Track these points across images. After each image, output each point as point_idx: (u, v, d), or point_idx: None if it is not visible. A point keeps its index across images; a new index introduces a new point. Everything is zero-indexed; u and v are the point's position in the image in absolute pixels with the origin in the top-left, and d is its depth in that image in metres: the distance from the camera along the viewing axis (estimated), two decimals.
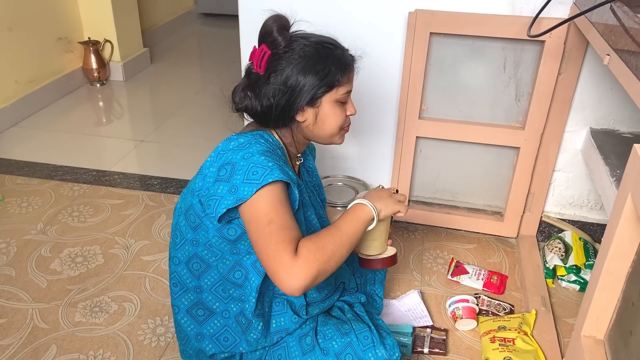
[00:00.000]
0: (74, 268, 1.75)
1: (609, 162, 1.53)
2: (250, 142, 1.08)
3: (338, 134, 1.17)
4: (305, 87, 1.08)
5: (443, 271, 1.80)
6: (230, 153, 1.07)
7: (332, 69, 1.09)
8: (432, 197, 2.00)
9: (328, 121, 1.13)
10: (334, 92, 1.11)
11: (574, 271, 1.72)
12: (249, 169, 1.02)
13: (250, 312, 1.16)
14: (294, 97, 1.09)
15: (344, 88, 1.12)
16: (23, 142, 2.53)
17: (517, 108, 1.76)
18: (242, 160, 1.04)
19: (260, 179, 1.00)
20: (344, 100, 1.14)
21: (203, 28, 4.49)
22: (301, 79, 1.08)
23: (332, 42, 1.13)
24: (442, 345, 1.50)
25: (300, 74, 1.08)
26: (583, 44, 1.59)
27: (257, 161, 1.03)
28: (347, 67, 1.12)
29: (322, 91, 1.10)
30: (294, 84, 1.08)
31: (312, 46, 1.09)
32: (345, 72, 1.11)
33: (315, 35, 1.13)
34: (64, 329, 1.52)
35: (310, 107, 1.11)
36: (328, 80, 1.09)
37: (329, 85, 1.10)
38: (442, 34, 1.68)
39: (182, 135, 2.67)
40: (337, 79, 1.10)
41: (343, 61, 1.11)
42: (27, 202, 2.08)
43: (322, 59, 1.09)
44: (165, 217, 2.01)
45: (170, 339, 1.50)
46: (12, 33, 2.60)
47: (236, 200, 1.01)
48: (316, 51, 1.09)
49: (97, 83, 3.17)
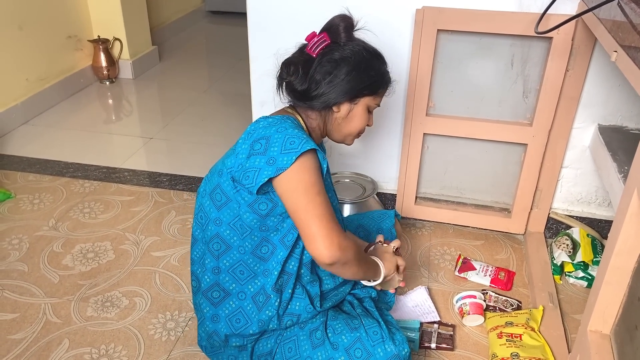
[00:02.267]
0: (85, 263, 1.77)
1: (617, 159, 1.53)
2: (280, 121, 1.14)
3: (354, 136, 1.27)
4: (354, 83, 1.17)
5: (450, 267, 1.81)
6: (262, 130, 1.12)
7: (378, 78, 1.22)
8: (439, 194, 2.00)
9: (355, 121, 1.22)
10: (371, 98, 1.22)
11: (582, 267, 1.73)
12: (286, 140, 1.08)
13: (270, 286, 1.19)
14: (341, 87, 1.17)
15: (379, 99, 1.25)
16: (34, 140, 2.57)
17: (525, 105, 1.76)
18: (276, 133, 1.10)
19: (299, 147, 1.06)
20: (372, 109, 1.25)
21: (211, 26, 4.51)
22: (353, 75, 1.17)
23: (382, 57, 1.25)
24: (450, 341, 1.51)
25: (354, 70, 1.17)
26: (591, 40, 1.59)
27: (292, 133, 1.09)
28: (388, 82, 1.26)
29: (365, 92, 1.20)
30: (344, 76, 1.16)
31: (369, 52, 1.20)
32: (386, 86, 1.25)
33: (372, 46, 1.23)
34: (76, 323, 1.55)
35: (349, 102, 1.20)
36: (374, 85, 1.21)
37: (372, 90, 1.21)
38: (450, 30, 1.68)
39: (190, 132, 2.69)
40: (380, 88, 1.23)
41: (387, 76, 1.25)
42: (38, 199, 2.10)
43: (375, 67, 1.21)
44: (174, 214, 2.03)
45: (181, 334, 1.52)
46: (23, 32, 2.63)
47: (276, 170, 1.05)
48: (372, 58, 1.20)
49: (106, 81, 3.20)
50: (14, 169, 2.31)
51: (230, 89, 3.20)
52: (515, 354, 1.41)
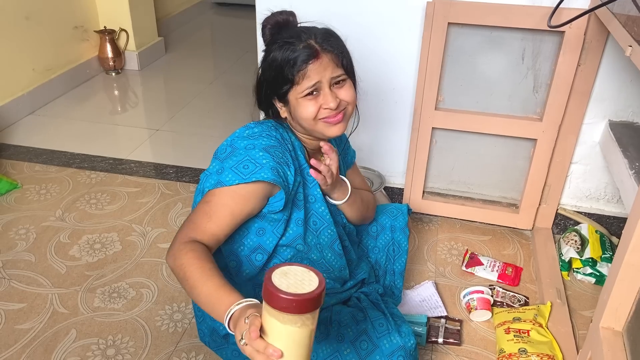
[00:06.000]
0: (92, 254, 1.77)
1: (628, 155, 1.52)
2: (260, 134, 1.12)
3: (319, 125, 1.13)
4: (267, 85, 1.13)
5: (457, 262, 1.80)
6: (240, 139, 1.12)
7: (285, 68, 1.09)
8: (447, 189, 1.99)
9: (299, 114, 1.12)
10: (294, 90, 1.10)
11: (590, 264, 1.72)
12: (243, 160, 1.08)
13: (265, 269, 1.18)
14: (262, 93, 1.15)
15: (304, 84, 1.09)
16: (40, 130, 2.56)
17: (535, 99, 1.74)
18: (243, 149, 1.09)
19: (247, 176, 1.05)
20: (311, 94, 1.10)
21: (217, 17, 4.49)
22: (265, 76, 1.13)
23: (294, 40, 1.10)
24: (457, 336, 1.50)
25: (265, 71, 1.13)
26: (603, 35, 1.57)
27: (254, 156, 1.07)
28: (302, 63, 1.08)
29: (285, 89, 1.11)
30: (261, 80, 1.14)
31: (277, 46, 1.10)
32: (299, 69, 1.08)
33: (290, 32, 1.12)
34: (83, 313, 1.55)
35: (283, 104, 1.14)
36: (283, 79, 1.10)
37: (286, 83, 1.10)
38: (460, 24, 1.67)
39: (196, 124, 2.69)
40: (291, 78, 1.09)
41: (298, 58, 1.08)
42: (45, 189, 2.10)
43: (279, 58, 1.09)
44: (181, 206, 2.03)
45: (187, 325, 1.52)
46: (29, 22, 2.62)
47: (217, 182, 1.07)
48: (277, 51, 1.10)
49: (112, 72, 3.19)
50: (20, 159, 2.31)
51: (236, 81, 3.19)
52: (523, 350, 1.41)
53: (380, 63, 1.81)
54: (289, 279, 0.77)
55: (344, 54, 1.13)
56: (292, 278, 0.78)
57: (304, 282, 0.78)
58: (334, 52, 1.10)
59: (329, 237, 1.22)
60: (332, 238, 1.23)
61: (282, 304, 0.74)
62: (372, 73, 1.82)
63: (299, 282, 0.77)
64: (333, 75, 1.10)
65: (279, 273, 0.78)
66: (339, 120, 1.13)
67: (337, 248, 1.25)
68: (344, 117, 1.14)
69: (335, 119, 1.13)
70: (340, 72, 1.11)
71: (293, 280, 0.77)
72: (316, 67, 1.08)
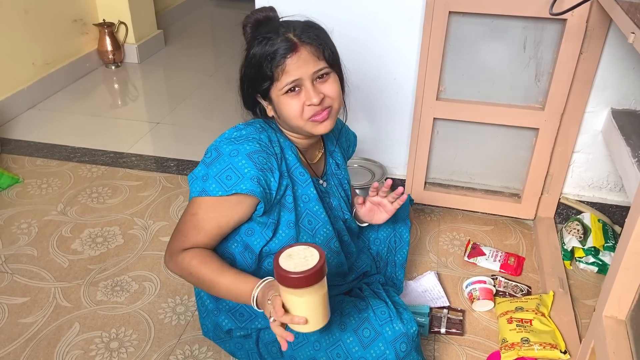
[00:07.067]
0: (94, 248, 1.78)
1: (631, 143, 1.51)
2: (246, 138, 1.10)
3: (305, 125, 1.10)
4: (249, 83, 1.12)
5: (459, 253, 1.80)
6: (226, 142, 1.11)
7: (263, 64, 1.06)
8: (448, 179, 1.99)
9: (284, 113, 1.10)
10: (275, 86, 1.07)
11: (592, 253, 1.72)
12: (226, 169, 1.07)
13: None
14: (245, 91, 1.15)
15: (283, 80, 1.06)
16: (41, 124, 2.56)
17: (537, 88, 1.73)
18: (227, 156, 1.08)
19: (229, 188, 1.06)
20: (291, 90, 1.07)
21: (216, 9, 4.46)
22: (246, 74, 1.12)
23: (271, 34, 1.07)
24: (459, 326, 1.50)
25: (245, 69, 1.12)
26: (606, 22, 1.56)
27: (237, 165, 1.07)
28: (280, 58, 1.05)
29: (265, 86, 1.09)
30: (243, 79, 1.14)
31: (256, 42, 1.08)
32: (277, 65, 1.05)
33: (269, 27, 1.09)
34: (86, 307, 1.55)
35: (267, 102, 1.13)
36: (262, 75, 1.07)
37: (266, 80, 1.07)
38: (461, 13, 1.65)
39: (197, 117, 2.68)
40: (270, 74, 1.06)
41: (275, 53, 1.05)
42: (46, 184, 2.10)
43: (257, 56, 1.07)
44: (182, 199, 2.03)
45: (190, 318, 1.52)
46: (29, 15, 2.61)
47: (202, 190, 1.08)
48: (256, 48, 1.08)
49: (112, 65, 3.18)
50: (21, 153, 2.31)
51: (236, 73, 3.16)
52: (526, 339, 1.41)
53: (381, 53, 1.80)
54: (294, 259, 0.91)
55: (325, 45, 1.08)
56: (296, 258, 0.91)
57: (307, 258, 0.91)
58: (314, 44, 1.06)
59: (325, 235, 1.22)
60: (328, 236, 1.22)
61: (294, 283, 0.89)
62: (373, 63, 1.81)
63: (302, 260, 0.91)
64: (315, 70, 1.06)
65: (284, 257, 0.91)
66: (324, 117, 1.09)
67: (334, 246, 1.25)
68: (329, 113, 1.10)
69: (320, 116, 1.09)
70: (322, 64, 1.07)
71: (298, 260, 0.91)
72: (295, 62, 1.05)
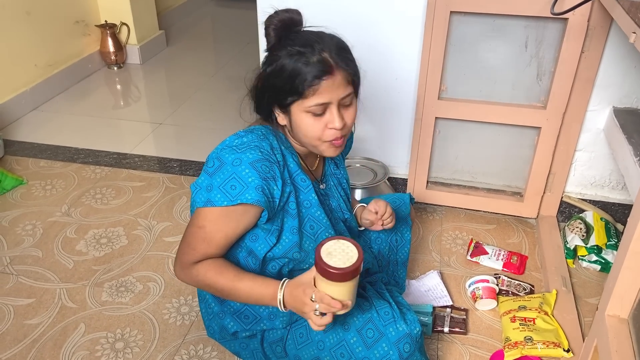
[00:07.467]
0: (98, 249, 1.78)
1: (633, 141, 1.52)
2: (248, 146, 1.09)
3: (320, 145, 1.11)
4: (271, 92, 1.09)
5: (462, 252, 1.80)
6: (228, 150, 1.09)
7: (295, 79, 1.04)
8: (451, 178, 1.99)
9: (301, 130, 1.09)
10: (299, 103, 1.06)
11: (595, 251, 1.72)
12: (230, 179, 1.06)
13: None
14: (265, 98, 1.11)
15: (312, 100, 1.05)
16: (44, 126, 2.57)
17: (539, 87, 1.74)
18: (230, 165, 1.07)
19: (234, 197, 1.05)
20: (317, 111, 1.06)
21: (218, 9, 4.47)
22: (270, 83, 1.08)
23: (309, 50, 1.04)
24: (462, 325, 1.51)
25: (270, 78, 1.07)
26: (607, 21, 1.56)
27: (241, 174, 1.06)
28: (314, 78, 1.03)
29: (289, 100, 1.06)
30: (265, 86, 1.09)
31: (286, 53, 1.05)
32: (311, 84, 1.03)
33: (304, 39, 1.06)
34: (91, 308, 1.56)
35: (282, 112, 1.10)
36: (291, 90, 1.05)
37: (293, 95, 1.05)
38: (463, 12, 1.66)
39: (199, 117, 2.69)
40: (300, 91, 1.04)
41: (311, 72, 1.03)
42: (50, 185, 2.11)
43: (290, 69, 1.04)
44: (185, 199, 2.04)
45: (195, 318, 1.53)
46: (31, 17, 2.62)
47: (207, 201, 1.07)
48: (289, 59, 1.04)
49: (114, 66, 3.19)
50: (25, 155, 2.32)
51: (238, 73, 3.18)
52: (529, 338, 1.41)
53: (382, 53, 1.80)
54: (336, 255, 0.98)
55: (355, 72, 1.09)
56: (337, 254, 0.98)
57: (346, 252, 0.99)
58: (347, 70, 1.07)
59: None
60: None
61: (340, 278, 0.97)
62: (374, 63, 1.81)
63: (343, 254, 0.98)
64: (343, 95, 1.07)
65: (325, 255, 0.98)
66: (340, 143, 1.11)
67: None
68: (344, 140, 1.13)
69: (339, 142, 1.11)
70: (350, 90, 1.08)
71: (340, 256, 0.97)
72: (329, 85, 1.04)
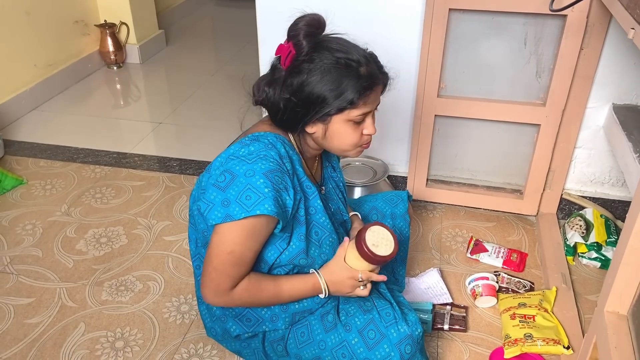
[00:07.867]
0: (98, 248, 1.79)
1: (632, 138, 1.52)
2: (257, 155, 1.05)
3: (352, 151, 1.14)
4: (316, 103, 1.05)
5: (462, 249, 1.80)
6: (237, 162, 1.06)
7: (347, 90, 1.03)
8: (450, 176, 1.99)
9: (338, 139, 1.10)
10: (346, 113, 1.06)
11: (595, 248, 1.72)
12: (245, 190, 1.02)
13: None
14: (304, 108, 1.06)
15: (359, 110, 1.06)
16: (44, 125, 2.57)
17: (538, 84, 1.73)
18: (243, 176, 1.03)
19: (251, 208, 1.01)
20: (360, 120, 1.08)
21: (217, 9, 4.47)
22: (314, 93, 1.04)
23: (356, 59, 1.04)
24: (462, 322, 1.51)
25: (315, 87, 1.03)
26: (606, 17, 1.56)
27: (255, 184, 1.02)
28: (365, 89, 1.04)
29: (333, 111, 1.05)
30: (306, 96, 1.04)
31: (332, 61, 1.03)
32: (362, 95, 1.04)
33: (343, 48, 1.05)
34: (91, 307, 1.56)
35: (320, 122, 1.08)
36: (340, 101, 1.04)
37: (340, 107, 1.05)
38: (462, 9, 1.66)
39: (199, 116, 2.69)
40: (351, 101, 1.04)
41: (362, 83, 1.04)
42: (50, 185, 2.11)
43: (339, 79, 1.03)
44: (185, 198, 2.04)
45: (195, 317, 1.53)
46: (30, 17, 2.62)
47: (225, 216, 1.03)
48: (335, 68, 1.02)
49: (114, 66, 3.19)
50: (25, 154, 2.32)
51: (237, 72, 3.18)
52: (529, 335, 1.41)
53: (381, 50, 1.77)
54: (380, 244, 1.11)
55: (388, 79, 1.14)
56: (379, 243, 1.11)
57: (384, 239, 1.12)
58: (385, 80, 1.11)
59: (330, 244, 1.20)
60: (333, 244, 1.22)
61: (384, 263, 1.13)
62: None
63: (384, 241, 1.12)
64: (378, 103, 1.12)
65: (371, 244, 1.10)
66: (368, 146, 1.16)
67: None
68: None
69: (368, 145, 1.15)
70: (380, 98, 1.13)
71: (382, 244, 1.11)
72: (375, 95, 1.09)
